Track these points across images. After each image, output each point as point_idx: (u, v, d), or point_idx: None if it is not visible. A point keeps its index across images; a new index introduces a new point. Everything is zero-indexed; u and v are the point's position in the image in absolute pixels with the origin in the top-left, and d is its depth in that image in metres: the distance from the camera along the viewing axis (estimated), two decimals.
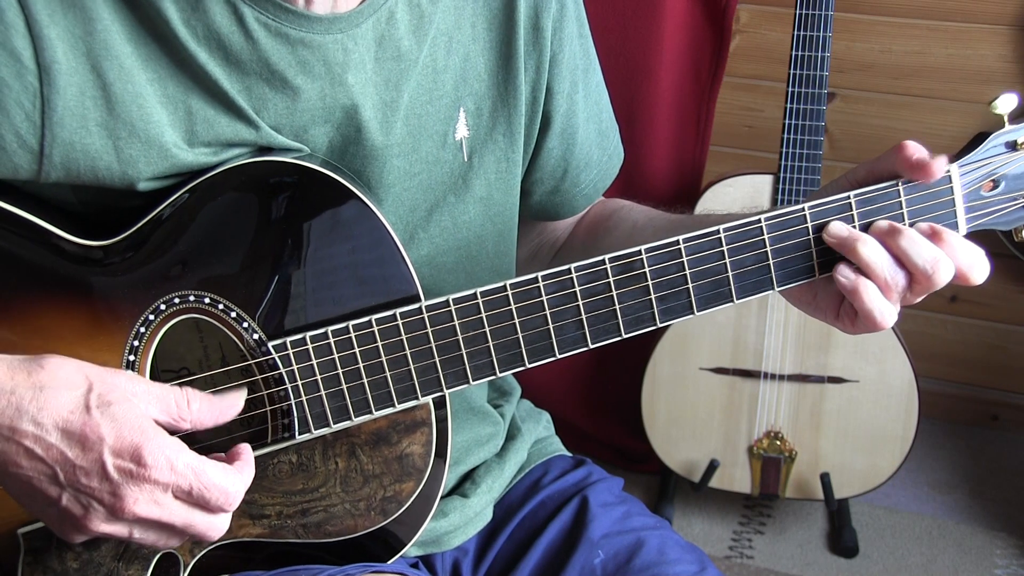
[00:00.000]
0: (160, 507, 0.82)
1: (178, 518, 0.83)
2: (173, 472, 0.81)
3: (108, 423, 0.80)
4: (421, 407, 0.95)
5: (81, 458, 0.80)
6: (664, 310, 0.93)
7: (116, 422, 0.80)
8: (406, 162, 0.99)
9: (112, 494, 0.80)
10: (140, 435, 0.80)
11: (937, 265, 0.88)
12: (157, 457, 0.80)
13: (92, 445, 0.80)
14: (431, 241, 1.03)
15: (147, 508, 0.81)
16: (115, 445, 0.80)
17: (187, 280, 0.90)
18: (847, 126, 2.50)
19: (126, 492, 0.80)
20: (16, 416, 0.79)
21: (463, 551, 1.13)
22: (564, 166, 1.14)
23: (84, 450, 0.80)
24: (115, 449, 0.80)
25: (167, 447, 0.81)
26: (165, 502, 0.82)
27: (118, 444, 0.80)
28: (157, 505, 0.81)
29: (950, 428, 2.72)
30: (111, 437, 0.80)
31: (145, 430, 0.81)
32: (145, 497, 0.81)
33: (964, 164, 0.93)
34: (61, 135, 0.85)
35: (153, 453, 0.80)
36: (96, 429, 0.80)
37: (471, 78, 1.02)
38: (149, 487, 0.81)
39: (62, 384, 0.81)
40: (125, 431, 0.80)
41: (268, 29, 0.90)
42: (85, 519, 0.82)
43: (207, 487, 0.82)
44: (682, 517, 2.42)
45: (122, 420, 0.80)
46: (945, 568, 2.27)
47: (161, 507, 0.82)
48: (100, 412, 0.80)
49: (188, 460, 0.82)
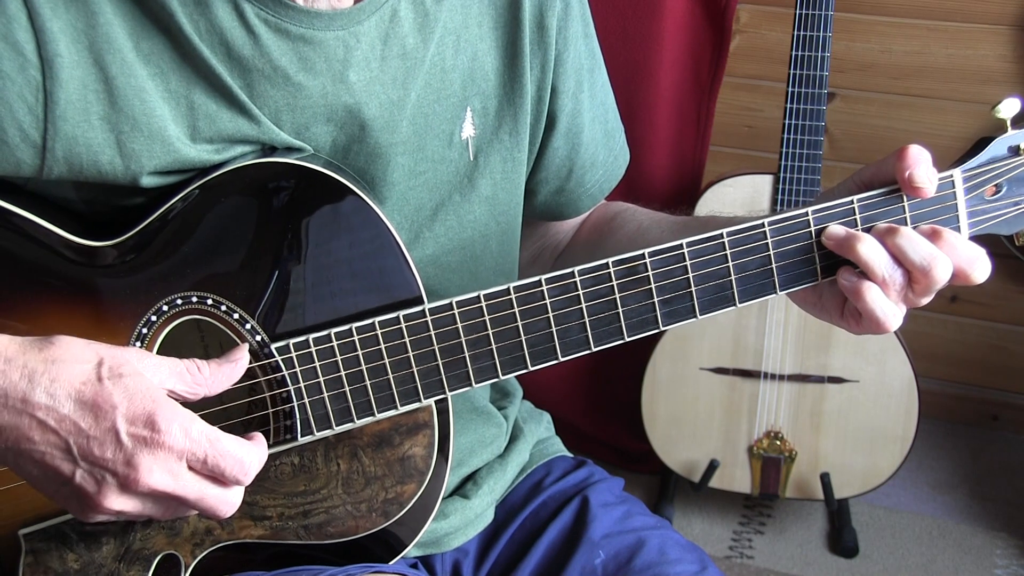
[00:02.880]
0: (174, 478, 0.81)
1: (191, 490, 0.82)
2: (188, 438, 0.80)
3: (120, 392, 0.80)
4: (423, 409, 0.95)
5: (94, 428, 0.79)
6: (667, 313, 0.93)
7: (128, 391, 0.80)
8: (411, 160, 0.99)
9: (126, 463, 0.80)
10: (152, 403, 0.80)
11: (934, 262, 0.88)
12: (171, 423, 0.80)
13: (105, 414, 0.79)
14: (436, 240, 1.03)
15: (161, 478, 0.80)
16: (128, 412, 0.80)
17: (189, 281, 0.90)
18: (847, 126, 2.50)
19: (140, 460, 0.80)
20: (29, 388, 0.79)
21: (463, 552, 1.13)
22: (569, 166, 1.14)
23: (97, 419, 0.79)
24: (128, 416, 0.80)
25: (180, 414, 0.81)
26: (179, 472, 0.81)
27: (131, 411, 0.80)
28: (171, 475, 0.81)
29: (950, 428, 2.72)
30: (124, 405, 0.80)
31: (157, 398, 0.81)
32: (160, 466, 0.80)
33: (967, 169, 0.93)
34: (64, 129, 0.85)
35: (167, 419, 0.80)
36: (109, 398, 0.80)
37: (478, 77, 1.02)
38: (164, 454, 0.80)
39: (74, 358, 0.81)
40: (137, 399, 0.80)
41: (269, 25, 0.90)
42: (99, 495, 0.81)
43: (222, 455, 0.82)
44: (682, 517, 2.42)
45: (134, 389, 0.80)
46: (945, 568, 2.28)
47: (175, 478, 0.81)
48: (112, 382, 0.80)
49: (202, 428, 0.82)
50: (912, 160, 0.89)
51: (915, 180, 0.89)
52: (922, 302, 0.92)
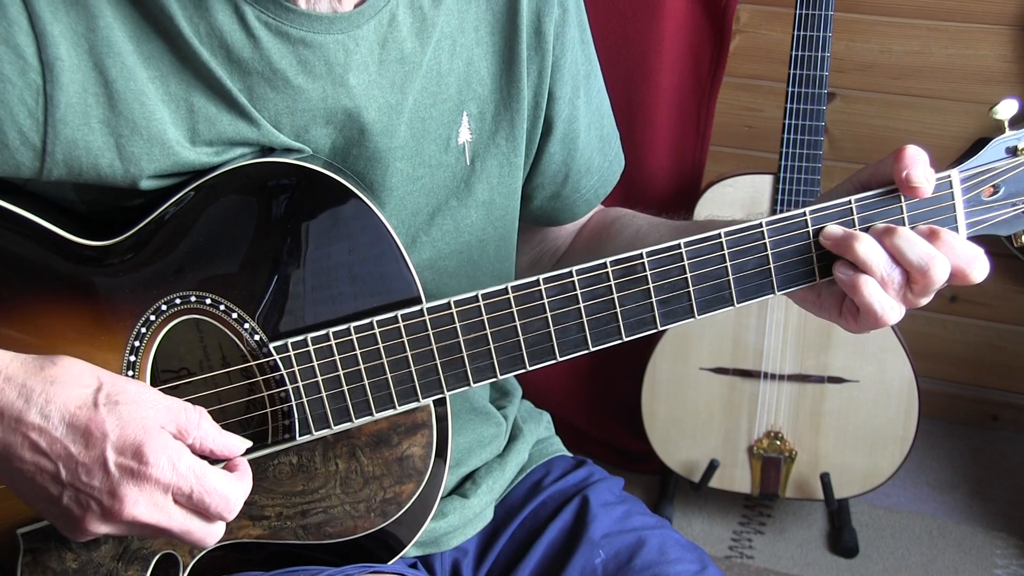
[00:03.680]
0: (159, 511, 0.81)
1: (176, 524, 0.82)
2: (175, 472, 0.81)
3: (113, 420, 0.80)
4: (422, 409, 0.95)
5: (84, 454, 0.80)
6: (665, 313, 0.93)
7: (121, 420, 0.80)
8: (409, 165, 0.99)
9: (111, 494, 0.80)
10: (143, 433, 0.80)
11: (932, 262, 0.88)
12: (159, 456, 0.80)
13: (96, 441, 0.80)
14: (433, 245, 1.03)
15: (146, 511, 0.81)
16: (118, 442, 0.80)
17: (188, 281, 0.90)
18: (847, 126, 2.50)
19: (125, 492, 0.80)
20: (24, 407, 0.80)
21: (463, 551, 1.13)
22: (565, 171, 1.14)
23: (87, 446, 0.80)
24: (118, 446, 0.80)
25: (170, 448, 0.81)
26: (164, 506, 0.81)
27: (121, 441, 0.80)
28: (156, 508, 0.81)
29: (950, 428, 2.72)
30: (115, 434, 0.80)
31: (149, 429, 0.81)
32: (145, 499, 0.80)
33: (964, 170, 0.93)
34: (63, 132, 0.86)
35: (155, 452, 0.80)
36: (101, 425, 0.80)
37: (474, 82, 1.02)
38: (149, 487, 0.80)
39: (73, 380, 0.81)
40: (129, 429, 0.80)
41: (269, 28, 0.90)
42: (83, 520, 0.81)
43: (208, 491, 0.82)
44: (682, 517, 2.42)
45: (127, 419, 0.80)
46: (945, 568, 2.27)
47: (160, 511, 0.81)
48: (107, 409, 0.80)
49: (190, 463, 0.82)
50: (909, 160, 0.89)
51: (912, 180, 0.89)
52: (921, 302, 0.92)
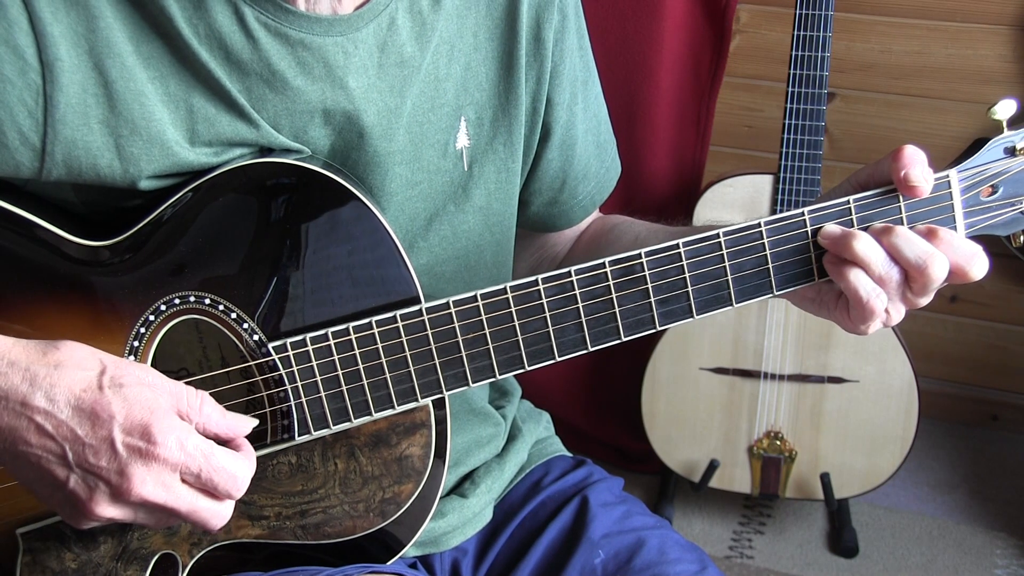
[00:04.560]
0: (167, 490, 0.81)
1: (184, 503, 0.82)
2: (183, 451, 0.81)
3: (119, 402, 0.80)
4: (421, 409, 0.96)
5: (91, 435, 0.80)
6: (664, 313, 0.93)
7: (127, 401, 0.80)
8: (408, 170, 1.00)
9: (119, 473, 0.80)
10: (150, 414, 0.81)
11: (930, 260, 0.88)
12: (167, 436, 0.80)
13: (102, 422, 0.80)
14: (430, 250, 1.03)
15: (154, 490, 0.81)
16: (125, 423, 0.80)
17: (187, 281, 0.90)
18: (847, 126, 2.50)
19: (133, 471, 0.80)
20: (29, 391, 0.80)
21: (462, 551, 1.13)
22: (563, 177, 1.14)
23: (94, 427, 0.80)
24: (125, 427, 0.80)
25: (177, 428, 0.81)
26: (172, 485, 0.82)
27: (128, 422, 0.80)
28: (164, 487, 0.81)
29: (950, 428, 2.72)
30: (121, 415, 0.80)
31: (155, 410, 0.81)
32: (153, 478, 0.80)
33: (963, 170, 0.93)
34: (63, 132, 0.86)
35: (163, 431, 0.80)
36: (107, 407, 0.80)
37: (472, 87, 1.02)
38: (158, 467, 0.80)
39: (77, 364, 0.81)
40: (135, 410, 0.80)
41: (268, 29, 0.90)
42: (91, 502, 0.81)
43: (216, 470, 0.82)
44: (682, 517, 2.42)
45: (133, 400, 0.81)
46: (945, 568, 2.27)
47: (168, 490, 0.81)
48: (112, 392, 0.81)
49: (198, 442, 0.82)
50: (907, 160, 0.90)
51: (910, 180, 0.89)
52: (921, 302, 0.92)
